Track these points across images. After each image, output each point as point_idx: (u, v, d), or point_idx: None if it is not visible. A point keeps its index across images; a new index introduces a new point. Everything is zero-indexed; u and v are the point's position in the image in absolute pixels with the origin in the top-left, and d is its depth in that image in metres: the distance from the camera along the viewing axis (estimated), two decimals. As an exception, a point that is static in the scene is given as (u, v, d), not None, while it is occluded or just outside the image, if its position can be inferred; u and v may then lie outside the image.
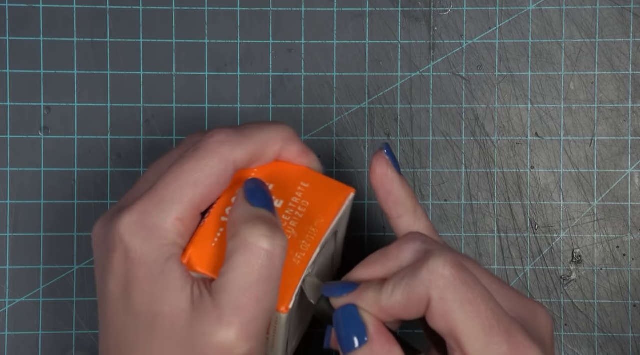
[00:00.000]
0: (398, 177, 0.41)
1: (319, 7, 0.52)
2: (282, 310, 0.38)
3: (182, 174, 0.39)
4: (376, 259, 0.39)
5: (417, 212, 0.41)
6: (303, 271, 0.39)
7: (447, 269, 0.36)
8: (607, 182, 0.52)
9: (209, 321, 0.36)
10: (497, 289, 0.38)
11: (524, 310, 0.38)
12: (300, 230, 0.40)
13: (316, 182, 0.41)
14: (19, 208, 0.51)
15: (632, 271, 0.51)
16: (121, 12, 0.52)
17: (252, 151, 0.40)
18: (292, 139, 0.41)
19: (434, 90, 0.52)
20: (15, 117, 0.52)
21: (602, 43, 0.52)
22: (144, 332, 0.38)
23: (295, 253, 0.39)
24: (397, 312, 0.37)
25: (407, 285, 0.36)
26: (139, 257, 0.38)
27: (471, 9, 0.52)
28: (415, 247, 0.38)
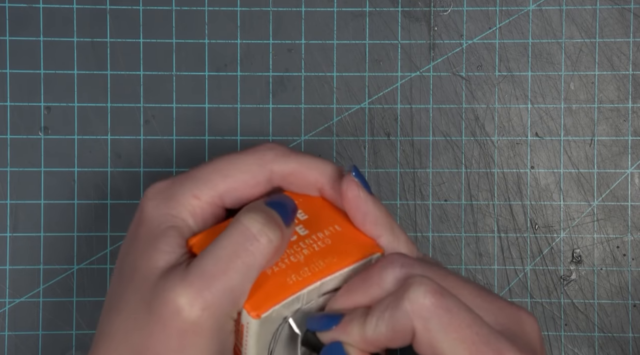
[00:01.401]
0: (371, 198, 0.41)
1: (319, 7, 0.52)
2: (252, 315, 0.37)
3: (220, 162, 0.41)
4: (358, 286, 0.39)
5: (395, 229, 0.41)
6: (292, 293, 0.38)
7: (427, 299, 0.36)
8: (607, 182, 0.52)
9: (173, 279, 0.37)
10: (481, 303, 0.38)
11: (510, 320, 0.38)
12: (309, 259, 0.39)
13: (350, 230, 0.41)
14: (19, 208, 0.51)
15: (632, 271, 0.51)
16: (121, 12, 0.52)
17: (292, 168, 0.41)
18: (338, 180, 0.41)
19: (434, 90, 0.52)
20: (15, 117, 0.52)
21: (602, 43, 0.52)
22: (123, 289, 0.39)
23: (292, 274, 0.39)
24: (383, 343, 0.37)
25: (390, 317, 0.36)
26: (147, 218, 0.40)
27: (471, 9, 0.52)
28: (395, 273, 0.38)
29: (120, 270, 0.40)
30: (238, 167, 0.40)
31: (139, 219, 0.40)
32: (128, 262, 0.39)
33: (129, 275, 0.39)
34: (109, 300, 0.40)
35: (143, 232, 0.39)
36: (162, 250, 0.38)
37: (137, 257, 0.39)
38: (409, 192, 0.52)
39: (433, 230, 0.52)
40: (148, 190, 0.40)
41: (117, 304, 0.39)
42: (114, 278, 0.40)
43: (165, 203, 0.40)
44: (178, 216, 0.39)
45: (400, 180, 0.52)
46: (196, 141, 0.52)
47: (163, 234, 0.39)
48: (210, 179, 0.40)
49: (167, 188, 0.40)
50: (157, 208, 0.40)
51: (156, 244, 0.39)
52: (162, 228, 0.39)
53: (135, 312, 0.38)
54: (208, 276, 0.36)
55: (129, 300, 0.38)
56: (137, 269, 0.38)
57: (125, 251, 0.40)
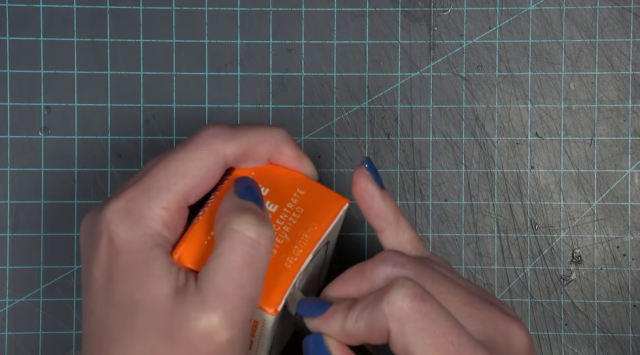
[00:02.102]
0: (379, 191, 0.41)
1: (319, 7, 0.52)
2: (270, 312, 0.38)
3: (171, 163, 0.39)
4: (351, 277, 0.39)
5: (400, 224, 0.41)
6: (294, 275, 0.39)
7: (405, 302, 0.36)
8: (607, 182, 0.52)
9: (192, 306, 0.36)
10: (470, 311, 0.37)
11: (497, 331, 0.37)
12: (293, 235, 0.40)
13: (312, 190, 0.42)
14: (19, 208, 0.51)
15: (632, 271, 0.51)
16: (121, 12, 0.52)
17: (243, 147, 0.40)
18: (285, 142, 0.41)
19: (434, 90, 0.52)
20: (15, 117, 0.52)
21: (602, 43, 0.52)
22: (125, 321, 0.37)
23: (287, 257, 0.39)
24: (362, 338, 0.37)
25: (369, 315, 0.36)
26: (122, 244, 0.38)
27: (471, 9, 0.52)
28: (386, 270, 0.38)
29: (110, 301, 0.38)
30: (193, 165, 0.39)
31: (112, 245, 0.38)
32: (119, 293, 0.37)
33: (129, 309, 0.37)
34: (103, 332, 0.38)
35: (125, 260, 0.37)
36: (158, 276, 0.37)
37: (132, 290, 0.37)
38: (409, 192, 0.52)
39: (433, 230, 0.52)
40: (109, 215, 0.38)
41: (122, 337, 0.37)
42: (101, 307, 0.38)
43: (136, 224, 0.38)
44: (154, 233, 0.38)
45: (400, 180, 0.52)
46: (196, 141, 0.51)
47: (150, 260, 0.37)
48: (170, 185, 0.39)
49: (129, 207, 0.38)
50: (130, 232, 0.38)
51: (148, 270, 0.37)
52: (145, 251, 0.38)
53: (152, 345, 0.37)
54: (226, 295, 0.36)
55: (140, 334, 0.37)
56: (138, 301, 0.37)
57: (105, 279, 0.38)
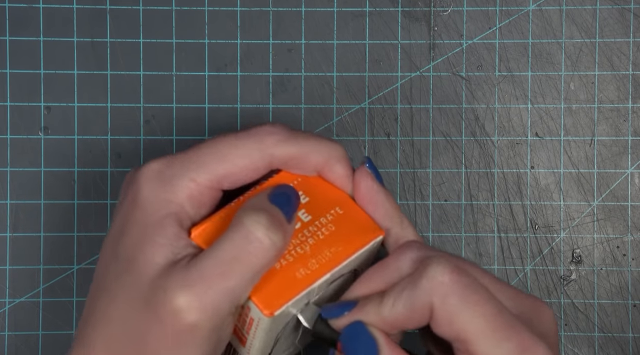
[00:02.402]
0: (383, 190, 0.41)
1: (319, 7, 0.52)
2: (265, 313, 0.38)
3: (218, 144, 0.40)
4: (374, 273, 0.39)
5: (404, 223, 0.41)
6: (304, 288, 0.38)
7: (446, 275, 0.36)
8: (607, 182, 0.52)
9: (172, 280, 0.37)
10: (499, 289, 0.38)
11: (527, 308, 0.38)
12: (315, 249, 0.39)
13: (351, 212, 0.41)
14: (19, 208, 0.51)
15: (632, 271, 0.51)
16: (121, 12, 0.52)
17: (293, 152, 0.40)
18: (339, 159, 0.41)
19: (434, 90, 0.52)
20: (15, 117, 0.52)
21: (602, 43, 0.52)
22: (118, 274, 0.38)
23: (301, 268, 0.39)
24: (401, 323, 0.37)
25: (409, 295, 0.36)
26: (143, 201, 0.39)
27: (471, 9, 0.52)
28: (412, 255, 0.38)
29: (115, 252, 0.39)
30: (237, 152, 0.40)
31: (134, 199, 0.39)
32: (124, 247, 0.39)
33: (125, 264, 0.38)
34: (101, 280, 0.39)
35: (139, 216, 0.39)
36: (159, 243, 0.38)
37: (134, 247, 0.38)
38: (409, 192, 0.52)
39: (433, 230, 0.52)
40: (144, 170, 0.39)
41: (112, 289, 0.38)
42: (107, 257, 0.40)
43: (163, 187, 0.39)
44: (175, 201, 0.39)
45: (400, 180, 0.52)
46: (196, 141, 0.52)
47: (160, 224, 0.38)
48: (208, 162, 0.39)
49: (164, 169, 0.39)
50: (154, 191, 0.39)
51: (153, 235, 0.38)
52: (158, 215, 0.38)
53: (132, 304, 0.38)
54: (208, 279, 0.36)
55: (126, 292, 0.38)
56: (135, 259, 0.38)
57: (118, 230, 0.39)
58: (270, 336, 0.39)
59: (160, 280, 0.37)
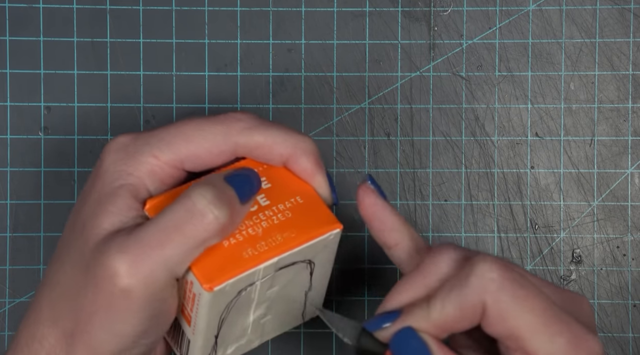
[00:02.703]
0: (388, 205, 0.40)
1: (319, 7, 0.52)
2: (205, 288, 0.37)
3: (186, 125, 0.40)
4: (413, 279, 0.38)
5: (414, 236, 0.41)
6: (248, 268, 0.38)
7: (495, 272, 0.35)
8: (607, 182, 0.52)
9: (112, 244, 0.37)
10: (542, 283, 0.38)
11: (569, 301, 0.38)
12: (267, 233, 0.39)
13: (311, 203, 0.41)
14: (19, 208, 0.51)
15: (632, 271, 0.51)
16: (121, 12, 0.52)
17: (257, 141, 0.40)
18: (305, 153, 0.41)
19: (434, 90, 0.52)
20: (15, 117, 0.52)
21: (602, 43, 0.52)
22: (71, 241, 0.40)
23: (249, 248, 0.38)
24: (451, 325, 0.36)
25: (458, 295, 0.36)
26: (103, 172, 0.40)
27: (471, 9, 0.52)
28: (451, 256, 0.38)
29: (73, 221, 0.40)
30: (203, 135, 0.40)
31: (97, 170, 0.40)
32: (81, 215, 0.40)
33: (79, 230, 0.39)
34: (59, 246, 0.41)
35: (97, 186, 0.40)
36: (109, 211, 0.39)
37: (88, 213, 0.39)
38: (409, 192, 0.52)
39: (433, 230, 0.52)
40: (110, 143, 0.40)
41: (62, 256, 0.40)
42: (67, 226, 0.41)
43: (124, 159, 0.40)
44: (134, 174, 0.39)
45: (400, 180, 0.52)
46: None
47: (114, 193, 0.39)
48: (173, 141, 0.40)
49: (129, 144, 0.40)
50: (115, 163, 0.40)
51: (105, 203, 0.39)
52: (114, 185, 0.39)
53: (75, 269, 0.39)
54: (144, 246, 0.37)
55: (71, 256, 0.39)
56: (85, 226, 0.39)
57: (81, 200, 0.41)
58: (212, 315, 0.39)
59: (103, 246, 0.38)
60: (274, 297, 0.41)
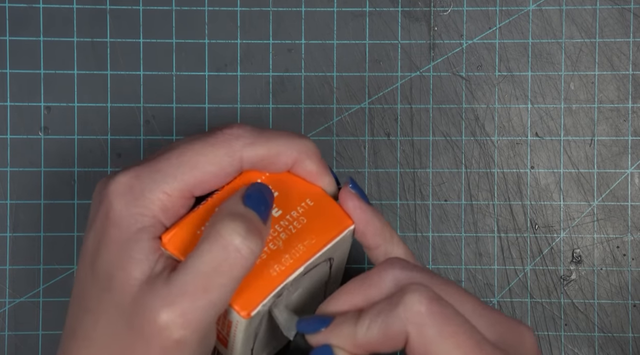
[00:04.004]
0: (370, 208, 0.41)
1: (319, 7, 0.52)
2: (242, 315, 0.38)
3: (187, 152, 0.39)
4: (356, 287, 0.38)
5: (394, 239, 0.41)
6: (278, 284, 0.38)
7: (423, 305, 0.35)
8: (607, 182, 0.52)
9: (154, 297, 0.36)
10: (480, 314, 0.37)
11: (508, 332, 0.37)
12: (287, 244, 0.40)
13: (322, 203, 0.41)
14: (19, 208, 0.51)
15: (632, 271, 0.51)
16: (121, 12, 0.52)
17: (262, 154, 0.40)
18: (309, 156, 0.41)
19: (434, 90, 0.52)
20: (15, 117, 0.52)
21: (602, 43, 0.52)
22: (98, 293, 0.38)
23: (275, 264, 0.39)
24: (374, 347, 0.37)
25: (384, 321, 0.36)
26: (116, 218, 0.38)
27: (471, 9, 0.52)
28: (395, 274, 0.38)
29: (93, 271, 0.39)
30: (207, 160, 0.39)
31: (107, 216, 0.39)
32: (101, 264, 0.38)
33: (105, 281, 0.38)
34: (81, 298, 0.39)
35: (114, 233, 0.38)
36: (136, 259, 0.38)
37: (113, 265, 0.38)
38: (409, 192, 0.52)
39: (433, 230, 0.52)
40: (114, 185, 0.39)
41: (93, 308, 0.38)
42: (85, 275, 0.39)
43: (134, 201, 0.39)
44: (148, 214, 0.38)
45: (400, 180, 0.52)
46: (196, 141, 0.51)
47: (135, 240, 0.38)
48: (178, 173, 0.39)
49: (134, 183, 0.39)
50: (126, 207, 0.38)
51: (130, 251, 0.38)
52: (133, 230, 0.38)
53: (114, 323, 0.37)
54: (191, 295, 0.36)
55: (107, 309, 0.38)
56: (113, 277, 0.38)
57: (94, 248, 0.39)
58: (249, 334, 0.39)
59: (142, 298, 0.37)
60: (296, 299, 0.41)
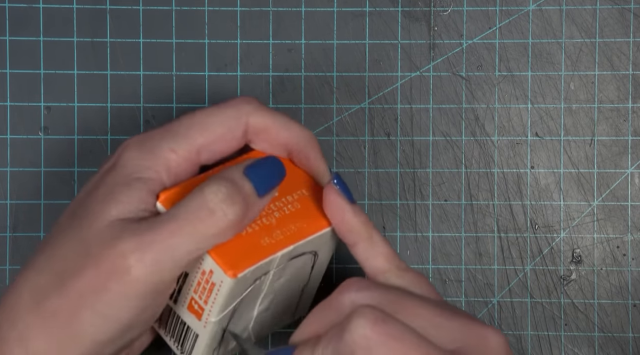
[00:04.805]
0: (349, 206, 0.41)
1: (319, 7, 0.52)
2: (229, 274, 0.38)
3: (197, 114, 0.41)
4: (317, 313, 0.38)
5: (373, 238, 0.41)
6: (268, 255, 0.39)
7: (367, 329, 0.35)
8: (607, 182, 0.52)
9: (121, 230, 0.37)
10: (441, 322, 0.37)
11: (470, 337, 0.37)
12: (280, 222, 0.40)
13: (317, 196, 0.42)
14: (19, 208, 0.51)
15: (632, 271, 0.51)
16: (121, 12, 0.52)
17: (267, 124, 0.41)
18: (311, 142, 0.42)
19: (434, 90, 0.52)
20: (15, 117, 0.52)
21: (602, 43, 0.52)
22: (68, 226, 0.39)
23: (266, 237, 0.39)
24: None
25: (335, 349, 0.36)
26: (120, 166, 0.40)
27: (471, 9, 0.52)
28: (350, 297, 0.38)
29: (74, 210, 0.40)
30: (216, 120, 0.41)
31: (113, 165, 0.40)
32: (85, 204, 0.39)
33: (80, 218, 0.39)
34: (54, 233, 0.40)
35: (109, 179, 0.39)
36: (119, 200, 0.38)
37: (95, 202, 0.39)
38: (409, 192, 0.52)
39: (433, 230, 0.52)
40: (127, 142, 0.40)
41: (57, 243, 0.39)
42: (66, 213, 0.40)
43: (142, 155, 0.40)
44: (152, 168, 0.39)
45: (400, 180, 0.52)
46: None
47: (128, 185, 0.39)
48: (189, 132, 0.40)
49: (146, 140, 0.40)
50: (133, 158, 0.40)
51: (117, 193, 0.39)
52: (131, 178, 0.39)
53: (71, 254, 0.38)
54: (156, 233, 0.37)
55: (68, 242, 0.38)
56: (89, 213, 0.39)
57: (86, 192, 0.40)
58: (228, 302, 0.39)
59: (110, 229, 0.37)
60: (278, 289, 0.42)
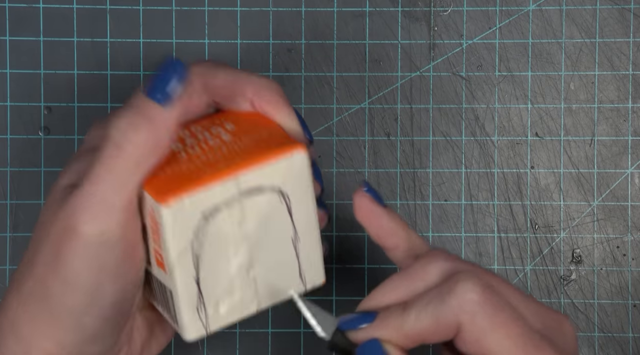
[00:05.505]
0: (384, 210, 0.40)
1: (319, 7, 0.52)
2: (162, 202, 0.36)
3: None
4: (399, 282, 0.38)
5: (412, 237, 0.40)
6: (203, 183, 0.36)
7: (475, 294, 0.35)
8: (607, 182, 0.52)
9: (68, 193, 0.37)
10: (525, 304, 0.37)
11: (550, 320, 0.37)
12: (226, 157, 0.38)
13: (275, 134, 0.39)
14: (19, 208, 0.51)
15: (632, 271, 0.51)
16: (121, 12, 0.52)
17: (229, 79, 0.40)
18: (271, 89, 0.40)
19: (434, 90, 0.52)
20: (15, 117, 0.52)
21: (602, 43, 0.52)
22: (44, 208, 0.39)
23: (207, 168, 0.37)
24: (423, 337, 0.36)
25: (435, 310, 0.35)
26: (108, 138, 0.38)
27: (471, 9, 0.52)
28: (440, 265, 0.37)
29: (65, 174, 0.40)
30: None
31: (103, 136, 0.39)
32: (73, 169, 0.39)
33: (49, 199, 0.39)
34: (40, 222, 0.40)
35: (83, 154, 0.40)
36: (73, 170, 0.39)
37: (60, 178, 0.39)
38: (409, 192, 0.52)
39: (433, 230, 0.52)
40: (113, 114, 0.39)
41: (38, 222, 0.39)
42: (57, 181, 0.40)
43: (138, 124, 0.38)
44: None
45: (400, 180, 0.52)
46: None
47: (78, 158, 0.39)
48: None
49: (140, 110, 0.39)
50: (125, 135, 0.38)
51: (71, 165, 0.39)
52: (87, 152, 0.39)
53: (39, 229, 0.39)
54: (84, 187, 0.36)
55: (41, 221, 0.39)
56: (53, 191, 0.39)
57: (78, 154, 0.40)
58: (180, 241, 0.37)
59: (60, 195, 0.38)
60: (254, 238, 0.38)
